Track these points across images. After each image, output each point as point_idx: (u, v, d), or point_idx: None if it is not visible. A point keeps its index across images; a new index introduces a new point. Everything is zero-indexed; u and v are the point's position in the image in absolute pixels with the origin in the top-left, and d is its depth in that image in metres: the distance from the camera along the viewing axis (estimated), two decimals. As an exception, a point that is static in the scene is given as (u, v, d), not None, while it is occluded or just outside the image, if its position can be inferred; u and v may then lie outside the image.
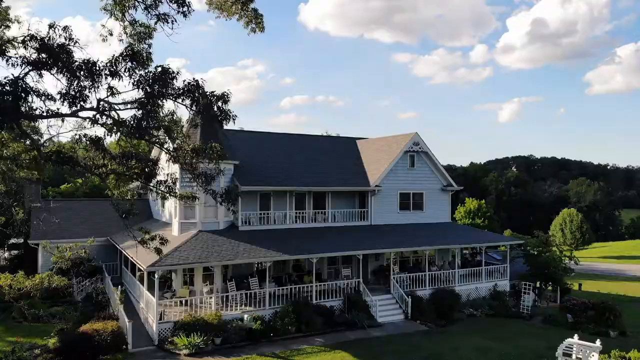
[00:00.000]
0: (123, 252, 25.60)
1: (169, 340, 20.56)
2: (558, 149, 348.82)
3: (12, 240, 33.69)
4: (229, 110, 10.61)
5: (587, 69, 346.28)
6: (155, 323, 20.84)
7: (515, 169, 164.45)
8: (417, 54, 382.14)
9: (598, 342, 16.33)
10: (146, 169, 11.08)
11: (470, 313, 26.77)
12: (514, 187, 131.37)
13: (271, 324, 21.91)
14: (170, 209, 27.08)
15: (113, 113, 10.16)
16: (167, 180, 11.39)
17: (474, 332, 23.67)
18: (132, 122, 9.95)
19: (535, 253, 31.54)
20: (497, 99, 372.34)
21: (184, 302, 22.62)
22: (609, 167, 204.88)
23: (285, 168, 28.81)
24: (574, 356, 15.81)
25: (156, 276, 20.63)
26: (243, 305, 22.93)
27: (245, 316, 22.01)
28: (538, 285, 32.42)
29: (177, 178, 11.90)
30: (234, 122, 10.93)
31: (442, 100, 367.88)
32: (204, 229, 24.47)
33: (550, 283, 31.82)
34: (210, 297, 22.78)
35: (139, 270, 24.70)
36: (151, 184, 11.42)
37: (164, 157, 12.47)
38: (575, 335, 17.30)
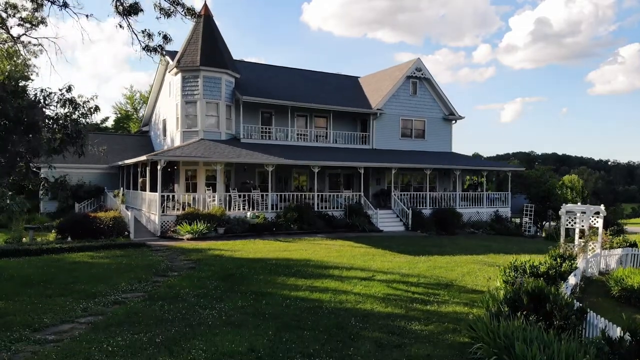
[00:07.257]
0: (125, 162, 25.58)
1: (172, 230, 20.58)
2: (559, 147, 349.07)
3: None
4: None
5: (590, 69, 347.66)
6: (158, 215, 20.85)
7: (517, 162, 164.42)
8: (421, 53, 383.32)
9: (602, 207, 16.16)
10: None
11: (471, 232, 26.71)
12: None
13: (274, 221, 21.97)
14: (172, 129, 27.09)
15: None
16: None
17: (475, 239, 23.66)
18: None
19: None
20: (500, 99, 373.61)
21: (186, 204, 22.57)
22: (609, 163, 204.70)
23: (287, 89, 28.84)
24: (578, 213, 15.67)
25: (159, 167, 20.64)
26: (246, 209, 22.93)
27: (248, 214, 22.06)
28: (539, 221, 32.44)
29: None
30: None
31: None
32: (206, 138, 24.52)
33: (550, 216, 31.79)
34: (213, 200, 22.77)
35: (142, 176, 24.73)
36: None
37: None
38: (579, 202, 17.24)
